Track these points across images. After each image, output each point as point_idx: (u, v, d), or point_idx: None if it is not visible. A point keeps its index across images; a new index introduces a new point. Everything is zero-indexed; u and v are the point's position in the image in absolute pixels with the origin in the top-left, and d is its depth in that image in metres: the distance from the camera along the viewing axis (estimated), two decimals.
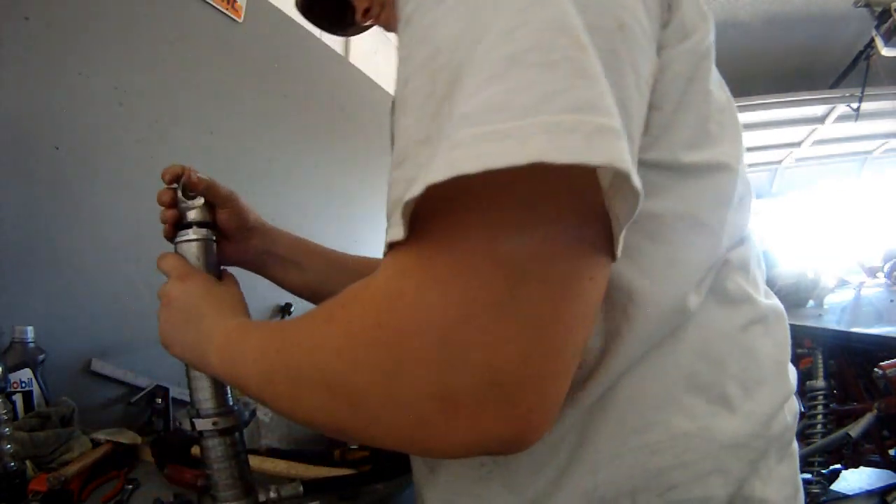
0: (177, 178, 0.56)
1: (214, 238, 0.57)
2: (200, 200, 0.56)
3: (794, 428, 0.43)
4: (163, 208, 0.56)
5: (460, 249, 0.26)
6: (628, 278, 0.34)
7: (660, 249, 0.35)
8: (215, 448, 0.51)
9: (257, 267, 0.68)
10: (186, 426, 0.51)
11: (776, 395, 0.41)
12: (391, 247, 0.28)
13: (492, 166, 0.21)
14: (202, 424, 0.51)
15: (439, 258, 0.26)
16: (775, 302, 0.44)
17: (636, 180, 0.23)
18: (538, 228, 0.25)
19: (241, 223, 0.61)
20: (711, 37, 0.36)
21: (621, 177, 0.23)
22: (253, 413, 0.54)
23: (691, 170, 0.36)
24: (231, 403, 0.53)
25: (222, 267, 0.58)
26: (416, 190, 0.23)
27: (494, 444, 0.27)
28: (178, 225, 0.56)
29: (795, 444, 0.43)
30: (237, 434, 0.53)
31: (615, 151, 0.22)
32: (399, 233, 0.26)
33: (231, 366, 0.41)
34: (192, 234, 0.55)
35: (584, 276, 0.27)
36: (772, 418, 0.39)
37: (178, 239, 0.55)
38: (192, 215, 0.56)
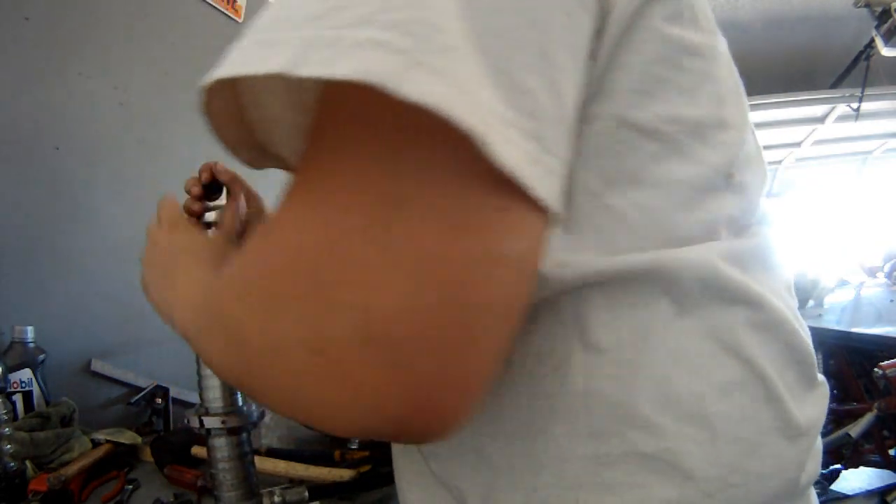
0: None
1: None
2: (222, 201, 0.56)
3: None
4: (188, 198, 0.56)
5: (331, 167, 0.23)
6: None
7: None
8: (222, 447, 0.51)
9: None
10: (194, 423, 0.51)
11: None
12: None
13: (231, 73, 0.21)
14: (210, 422, 0.51)
15: (320, 181, 0.23)
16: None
17: (427, 100, 0.18)
18: (417, 145, 0.21)
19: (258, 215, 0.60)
20: None
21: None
22: (262, 414, 0.54)
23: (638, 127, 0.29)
24: (241, 403, 0.53)
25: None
26: (205, 81, 0.23)
27: (388, 422, 0.21)
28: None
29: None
30: (245, 434, 0.53)
31: (377, 64, 0.18)
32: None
33: (186, 321, 0.39)
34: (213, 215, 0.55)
35: (487, 207, 0.21)
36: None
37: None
38: (212, 216, 0.56)
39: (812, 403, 0.34)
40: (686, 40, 0.29)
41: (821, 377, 0.36)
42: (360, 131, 0.22)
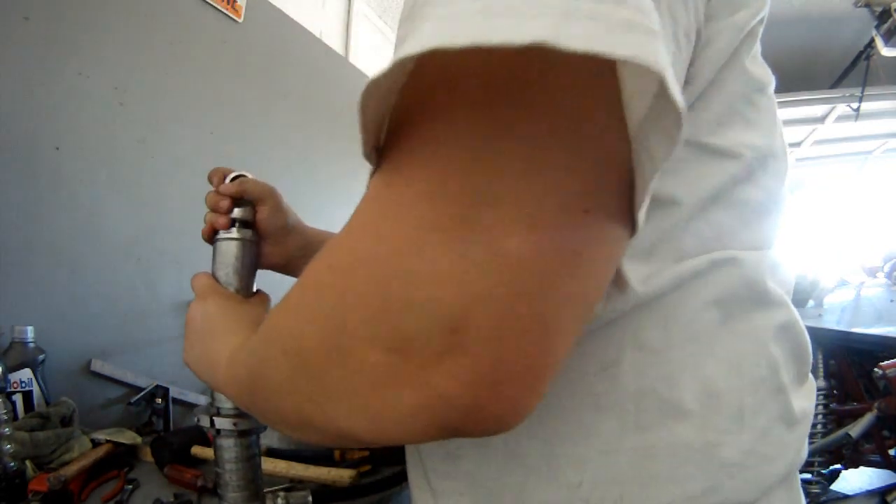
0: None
1: (255, 241, 0.55)
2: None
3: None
4: (209, 211, 0.54)
5: (424, 164, 0.21)
6: None
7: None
8: (230, 449, 0.50)
9: (294, 270, 0.63)
10: (205, 423, 0.50)
11: None
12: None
13: (480, 41, 0.17)
14: (222, 423, 0.50)
15: (400, 176, 0.22)
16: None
17: (676, 92, 0.18)
18: (521, 145, 0.20)
19: (279, 223, 0.58)
20: (764, 13, 0.32)
21: (658, 96, 0.19)
22: None
23: (713, 152, 0.32)
24: None
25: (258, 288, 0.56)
26: (383, 69, 0.19)
27: (455, 413, 0.21)
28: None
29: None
30: (254, 437, 0.52)
31: (646, 47, 0.17)
32: (364, 150, 0.22)
33: (232, 380, 0.38)
34: (234, 232, 0.53)
35: (575, 209, 0.21)
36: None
37: (217, 237, 0.53)
38: (236, 213, 0.54)
39: (804, 396, 0.37)
40: (758, 77, 0.33)
41: (809, 375, 0.40)
42: (457, 120, 0.21)
